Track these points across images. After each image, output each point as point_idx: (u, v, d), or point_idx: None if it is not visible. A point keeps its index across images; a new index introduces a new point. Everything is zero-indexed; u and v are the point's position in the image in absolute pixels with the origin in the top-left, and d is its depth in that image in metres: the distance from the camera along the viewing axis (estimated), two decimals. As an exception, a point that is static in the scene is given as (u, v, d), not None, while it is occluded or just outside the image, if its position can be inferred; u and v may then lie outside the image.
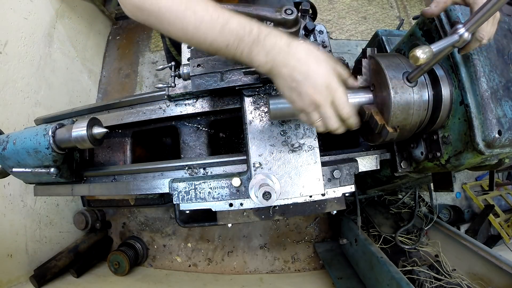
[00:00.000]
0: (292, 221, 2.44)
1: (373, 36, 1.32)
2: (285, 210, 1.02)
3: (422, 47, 0.67)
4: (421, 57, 0.66)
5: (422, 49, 0.67)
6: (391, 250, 1.81)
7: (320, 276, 2.15)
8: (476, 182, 2.64)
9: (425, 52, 0.66)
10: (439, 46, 0.69)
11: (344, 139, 1.38)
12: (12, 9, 1.91)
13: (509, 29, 0.88)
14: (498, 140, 0.78)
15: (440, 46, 0.69)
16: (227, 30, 0.62)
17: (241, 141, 1.46)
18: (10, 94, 1.86)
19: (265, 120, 1.01)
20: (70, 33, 2.48)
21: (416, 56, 0.67)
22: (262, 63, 0.64)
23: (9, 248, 1.75)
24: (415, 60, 0.67)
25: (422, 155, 1.01)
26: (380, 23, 3.11)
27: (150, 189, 1.09)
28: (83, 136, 0.97)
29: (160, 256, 2.41)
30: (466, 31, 0.69)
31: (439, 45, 0.69)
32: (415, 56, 0.67)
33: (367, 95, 0.93)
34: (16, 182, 1.68)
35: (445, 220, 2.32)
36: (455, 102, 0.86)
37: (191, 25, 0.63)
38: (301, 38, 0.91)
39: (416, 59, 0.67)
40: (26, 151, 1.02)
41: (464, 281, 1.53)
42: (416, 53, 0.66)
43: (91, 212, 2.34)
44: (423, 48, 0.67)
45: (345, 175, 1.01)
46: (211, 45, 0.65)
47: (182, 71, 1.04)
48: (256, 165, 0.98)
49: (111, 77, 2.94)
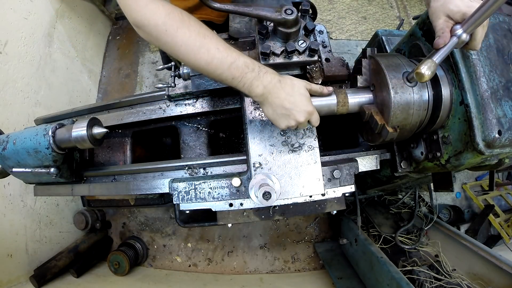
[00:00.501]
0: (292, 221, 2.44)
1: (373, 36, 1.32)
2: (285, 210, 1.02)
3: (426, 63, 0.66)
4: (426, 73, 0.66)
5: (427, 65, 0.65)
6: (391, 250, 1.81)
7: (320, 276, 2.15)
8: (476, 182, 2.64)
9: (430, 67, 0.66)
10: (441, 56, 0.69)
11: (344, 139, 1.38)
12: (12, 9, 1.91)
13: (509, 29, 0.88)
14: (498, 140, 0.78)
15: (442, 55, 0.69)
16: (234, 67, 0.76)
17: (241, 141, 1.46)
18: (10, 94, 1.86)
19: (265, 120, 1.01)
20: (70, 33, 2.48)
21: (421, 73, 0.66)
22: (259, 94, 0.80)
23: (9, 248, 1.75)
24: (420, 77, 0.66)
25: (422, 155, 1.01)
26: (380, 23, 3.11)
27: (150, 189, 1.09)
28: (83, 136, 0.97)
29: (160, 256, 2.41)
30: (464, 32, 0.69)
31: (441, 54, 0.69)
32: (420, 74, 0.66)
33: (367, 95, 0.93)
34: (16, 182, 1.68)
35: (445, 220, 2.32)
36: (455, 102, 0.86)
37: (203, 61, 0.75)
38: (301, 38, 0.91)
39: (421, 76, 0.66)
40: (26, 151, 1.02)
41: (464, 281, 1.53)
42: (421, 70, 0.66)
43: (91, 212, 2.34)
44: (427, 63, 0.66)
45: (345, 175, 1.01)
46: (218, 76, 0.78)
47: (182, 71, 1.04)
48: (256, 165, 0.98)
49: (111, 77, 2.94)
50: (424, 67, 0.65)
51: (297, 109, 0.82)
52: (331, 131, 1.41)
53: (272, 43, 0.92)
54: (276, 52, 0.91)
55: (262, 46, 0.90)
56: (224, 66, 0.75)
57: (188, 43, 0.73)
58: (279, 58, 0.93)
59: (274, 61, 0.93)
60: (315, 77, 1.07)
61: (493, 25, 0.87)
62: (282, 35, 0.90)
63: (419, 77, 0.67)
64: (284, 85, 0.81)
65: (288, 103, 0.81)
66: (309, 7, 0.91)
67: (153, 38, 0.74)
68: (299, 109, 0.82)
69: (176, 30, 0.72)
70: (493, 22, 0.88)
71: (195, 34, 0.73)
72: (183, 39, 0.72)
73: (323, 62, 1.10)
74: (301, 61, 0.94)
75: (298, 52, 0.92)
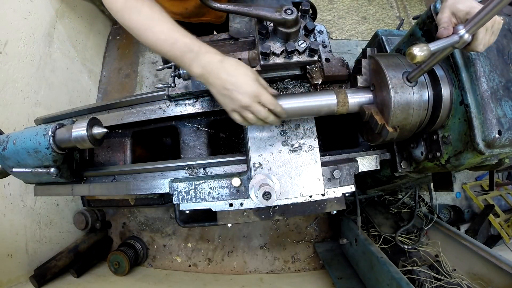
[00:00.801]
0: (292, 221, 2.44)
1: (373, 36, 1.32)
2: (285, 210, 1.02)
3: (419, 45, 0.66)
4: (418, 54, 0.66)
5: (420, 47, 0.66)
6: (391, 250, 1.81)
7: (320, 276, 2.15)
8: (476, 182, 2.64)
9: (422, 50, 0.66)
10: (437, 45, 0.69)
11: (344, 139, 1.38)
12: (12, 9, 1.91)
13: (509, 29, 0.88)
14: (498, 140, 0.77)
15: (438, 45, 0.69)
16: (176, 47, 0.82)
17: (241, 141, 1.45)
18: (10, 94, 1.86)
19: (265, 120, 1.01)
20: (70, 33, 2.48)
21: (413, 53, 0.66)
22: (198, 74, 0.82)
23: (9, 248, 1.75)
24: (412, 57, 0.67)
25: (422, 155, 1.01)
26: (380, 23, 3.11)
27: (150, 189, 1.09)
28: (83, 136, 0.97)
29: (160, 256, 2.41)
30: (466, 32, 0.69)
31: (438, 44, 0.69)
32: (412, 54, 0.66)
33: (367, 95, 0.93)
34: (16, 182, 1.68)
35: (445, 220, 2.32)
36: (455, 102, 0.86)
37: (150, 41, 0.84)
38: (301, 38, 0.91)
39: (413, 56, 0.66)
40: (26, 151, 1.02)
41: (464, 281, 1.53)
42: (413, 50, 0.66)
43: (91, 212, 2.34)
44: (421, 46, 0.66)
45: (345, 175, 1.01)
46: (165, 55, 0.85)
47: (182, 71, 1.04)
48: (256, 165, 0.98)
49: (111, 77, 2.94)
50: (416, 49, 0.65)
51: (239, 90, 0.78)
52: (331, 131, 1.41)
53: (272, 43, 0.92)
54: (276, 52, 0.91)
55: (262, 46, 0.90)
56: (167, 47, 0.82)
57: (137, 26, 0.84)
58: (279, 58, 0.93)
59: (274, 61, 0.93)
60: (315, 77, 1.07)
61: (493, 25, 0.87)
62: (282, 35, 0.90)
63: (410, 57, 0.67)
64: (226, 65, 0.80)
65: (230, 84, 0.79)
66: (309, 7, 0.91)
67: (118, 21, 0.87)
68: (241, 90, 0.78)
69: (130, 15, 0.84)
70: (493, 22, 0.88)
71: (143, 18, 0.83)
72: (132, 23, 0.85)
73: (323, 62, 1.10)
74: (301, 61, 0.94)
75: (298, 52, 0.92)
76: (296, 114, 0.93)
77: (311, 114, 0.96)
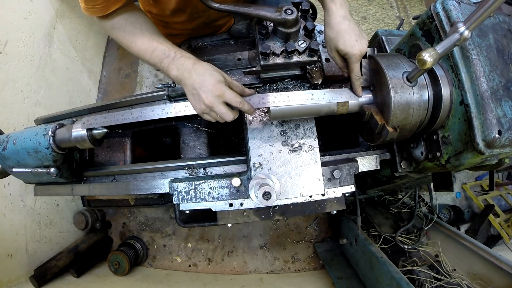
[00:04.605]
0: (292, 221, 2.44)
1: (373, 36, 1.32)
2: (285, 210, 1.02)
3: (428, 50, 0.66)
4: (429, 60, 0.66)
5: (429, 52, 0.66)
6: (391, 250, 1.81)
7: (320, 276, 2.15)
8: (476, 182, 2.64)
9: (432, 55, 0.66)
10: (443, 47, 0.69)
11: (344, 139, 1.38)
12: (12, 9, 1.91)
13: (509, 29, 0.88)
14: (498, 140, 0.77)
15: (444, 47, 0.69)
16: (155, 55, 0.92)
17: (241, 141, 1.45)
18: (10, 94, 1.85)
19: (265, 120, 1.01)
20: (70, 33, 2.47)
21: (423, 59, 0.66)
22: (174, 76, 0.89)
23: (9, 248, 1.75)
24: (422, 63, 0.67)
25: (422, 155, 1.01)
26: (380, 23, 3.11)
27: (150, 189, 1.09)
28: (83, 136, 0.97)
29: (160, 256, 2.41)
30: (466, 29, 0.69)
31: (443, 46, 0.69)
32: (423, 60, 0.66)
33: (367, 95, 0.93)
34: (16, 182, 1.68)
35: (445, 220, 2.31)
36: (455, 102, 0.86)
37: (135, 52, 0.97)
38: (301, 38, 0.91)
39: (423, 62, 0.66)
40: (26, 151, 1.02)
41: (464, 281, 1.53)
42: (423, 56, 0.66)
43: (91, 212, 2.34)
44: (429, 51, 0.66)
45: (345, 175, 1.01)
46: (148, 62, 0.96)
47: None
48: (256, 165, 0.98)
49: (111, 77, 2.94)
50: (426, 54, 0.66)
51: (203, 89, 0.83)
52: (331, 131, 1.41)
53: (272, 43, 0.92)
54: (276, 52, 0.91)
55: (262, 46, 0.90)
56: (148, 55, 0.93)
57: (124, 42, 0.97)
58: (279, 58, 0.93)
59: (274, 61, 0.93)
60: (315, 77, 1.07)
61: (493, 25, 0.87)
62: (282, 35, 0.90)
63: (421, 63, 0.67)
64: (197, 67, 0.86)
65: (197, 83, 0.84)
66: (309, 7, 0.91)
67: None
68: (205, 89, 0.83)
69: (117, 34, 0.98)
70: (493, 22, 0.88)
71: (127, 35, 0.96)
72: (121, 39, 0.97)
73: (323, 62, 1.10)
74: (301, 61, 0.94)
75: (298, 52, 0.92)
76: (296, 114, 0.93)
77: (311, 114, 0.96)
